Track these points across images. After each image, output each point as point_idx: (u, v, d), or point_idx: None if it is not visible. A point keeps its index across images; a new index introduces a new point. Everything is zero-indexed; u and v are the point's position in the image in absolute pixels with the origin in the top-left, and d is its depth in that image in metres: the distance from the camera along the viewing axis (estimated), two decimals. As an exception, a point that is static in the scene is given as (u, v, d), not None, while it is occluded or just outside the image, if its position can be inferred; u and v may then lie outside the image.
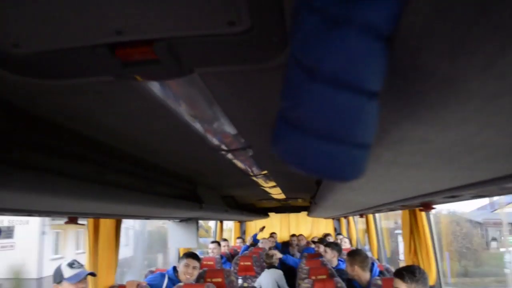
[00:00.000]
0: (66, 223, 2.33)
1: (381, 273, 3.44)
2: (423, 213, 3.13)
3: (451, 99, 0.47)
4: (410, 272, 2.42)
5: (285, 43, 0.75)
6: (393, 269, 3.89)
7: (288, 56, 0.48)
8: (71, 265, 2.49)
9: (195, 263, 3.39)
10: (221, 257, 5.92)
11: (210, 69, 0.87)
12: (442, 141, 0.66)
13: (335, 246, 4.76)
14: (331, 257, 4.58)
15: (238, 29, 0.71)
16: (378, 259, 5.38)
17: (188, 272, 3.33)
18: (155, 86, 1.01)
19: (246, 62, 0.84)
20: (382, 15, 0.40)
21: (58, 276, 2.42)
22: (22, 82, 0.90)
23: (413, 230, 3.21)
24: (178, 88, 1.04)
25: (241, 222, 9.87)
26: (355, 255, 3.30)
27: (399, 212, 3.51)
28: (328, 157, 0.48)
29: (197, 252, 4.27)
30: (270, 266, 5.13)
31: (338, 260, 4.71)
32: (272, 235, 8.88)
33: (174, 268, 3.42)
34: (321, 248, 4.79)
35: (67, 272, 2.44)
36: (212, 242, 6.16)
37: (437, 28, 0.38)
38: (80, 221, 2.51)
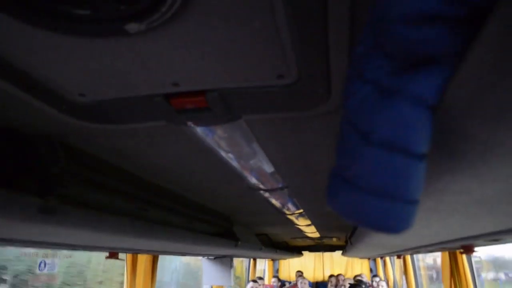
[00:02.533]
0: (107, 258, 2.38)
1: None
2: (464, 256, 3.03)
3: (490, 158, 0.50)
4: None
5: (329, 93, 0.80)
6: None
7: (342, 119, 0.53)
8: None
9: None
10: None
11: (256, 116, 0.92)
12: (482, 192, 0.68)
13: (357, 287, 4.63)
14: None
15: (286, 81, 0.76)
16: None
17: None
18: (200, 129, 1.06)
19: (291, 110, 0.88)
20: (431, 87, 0.44)
21: None
22: (81, 126, 0.97)
23: (453, 273, 3.10)
24: (222, 131, 1.09)
25: (274, 261, 9.73)
26: None
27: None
28: (380, 212, 0.52)
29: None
30: None
31: None
32: (299, 273, 8.70)
33: None
34: None
35: None
36: (252, 280, 6.13)
37: (479, 99, 0.41)
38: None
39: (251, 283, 5.98)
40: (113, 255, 2.38)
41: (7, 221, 1.00)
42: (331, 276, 8.43)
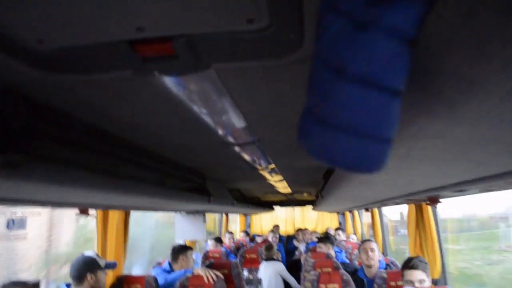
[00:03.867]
0: (78, 214, 2.37)
1: (387, 266, 3.48)
2: (429, 208, 3.15)
3: (469, 97, 0.50)
4: (420, 261, 2.46)
5: (301, 39, 0.77)
6: (398, 263, 3.92)
7: (314, 55, 0.51)
8: (98, 255, 2.57)
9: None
10: (225, 250, 5.98)
11: (226, 65, 0.90)
12: (456, 136, 0.68)
13: (326, 239, 4.81)
14: (326, 251, 4.62)
15: (257, 26, 0.73)
16: (383, 253, 5.40)
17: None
18: (169, 81, 1.03)
19: (262, 58, 0.86)
20: (407, 19, 0.42)
21: (93, 265, 2.49)
22: (42, 77, 0.92)
23: (419, 225, 3.23)
24: (191, 82, 1.06)
25: (246, 216, 9.92)
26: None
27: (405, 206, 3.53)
28: (354, 151, 0.51)
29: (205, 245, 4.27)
30: (269, 258, 5.17)
31: (335, 252, 4.77)
32: (274, 228, 8.92)
33: (169, 263, 3.46)
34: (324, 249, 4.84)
35: (101, 262, 2.52)
36: (212, 238, 6.21)
37: (459, 32, 0.40)
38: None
39: (210, 241, 6.10)
40: (83, 211, 2.36)
41: None
42: (298, 229, 8.69)
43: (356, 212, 7.81)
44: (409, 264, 2.47)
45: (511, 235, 9.87)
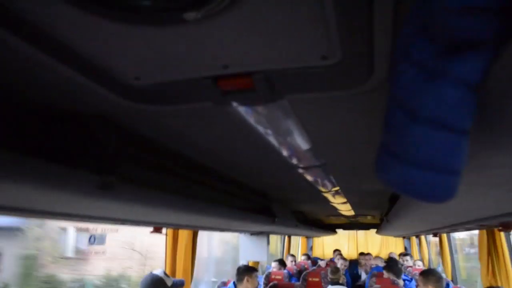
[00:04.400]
0: (152, 232, 2.50)
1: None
2: (502, 234, 3.00)
3: None
4: None
5: (370, 72, 0.82)
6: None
7: (389, 97, 0.57)
8: (166, 274, 2.67)
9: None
10: (288, 272, 5.96)
11: (299, 96, 0.96)
12: None
13: (390, 267, 4.63)
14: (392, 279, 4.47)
15: (330, 62, 0.79)
16: (452, 280, 5.14)
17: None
18: (242, 109, 1.11)
19: (332, 90, 0.91)
20: (474, 69, 0.47)
21: (161, 285, 2.58)
22: (134, 107, 1.04)
23: (491, 251, 3.08)
24: (264, 110, 1.13)
25: (308, 238, 9.81)
26: (429, 275, 3.20)
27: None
28: (427, 182, 0.56)
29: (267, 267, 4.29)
30: (335, 282, 5.07)
31: (404, 280, 4.58)
32: (337, 252, 8.73)
33: (234, 283, 3.52)
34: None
35: (168, 281, 2.62)
36: (275, 260, 6.21)
37: None
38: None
39: (274, 263, 6.08)
40: (157, 229, 2.49)
41: (69, 196, 1.08)
42: (361, 253, 8.45)
43: (423, 237, 7.50)
44: None
45: None
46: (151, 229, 2.46)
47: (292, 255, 7.37)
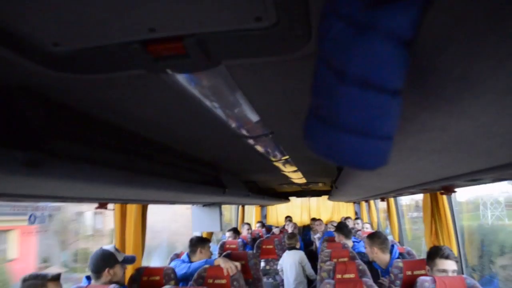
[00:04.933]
0: (97, 208, 2.42)
1: (401, 255, 3.48)
2: (444, 196, 3.14)
3: (466, 93, 0.51)
4: (451, 250, 2.52)
5: (309, 35, 0.79)
6: (414, 252, 3.91)
7: (317, 57, 0.53)
8: (117, 249, 2.61)
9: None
10: (242, 241, 6.03)
11: (236, 62, 0.92)
12: (459, 129, 0.70)
13: (340, 230, 4.79)
14: (343, 241, 4.62)
15: (265, 24, 0.75)
16: (399, 242, 5.39)
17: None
18: (181, 77, 1.06)
19: (271, 54, 0.88)
20: (404, 22, 0.44)
21: (111, 260, 2.53)
22: (60, 77, 0.96)
23: (434, 213, 3.22)
24: (204, 78, 1.08)
25: (262, 207, 9.96)
26: (374, 237, 3.34)
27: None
28: (356, 149, 0.53)
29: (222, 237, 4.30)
30: (292, 247, 5.20)
31: (353, 241, 4.76)
32: (288, 219, 8.94)
33: (188, 254, 3.51)
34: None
35: (119, 256, 2.56)
36: (229, 230, 6.26)
37: (454, 34, 0.42)
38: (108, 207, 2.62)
39: (228, 233, 6.14)
40: (102, 205, 2.41)
41: None
42: (312, 219, 8.69)
43: (372, 202, 7.79)
44: (441, 253, 2.51)
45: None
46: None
47: (248, 224, 7.46)
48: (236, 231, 6.21)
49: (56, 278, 2.08)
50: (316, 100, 0.57)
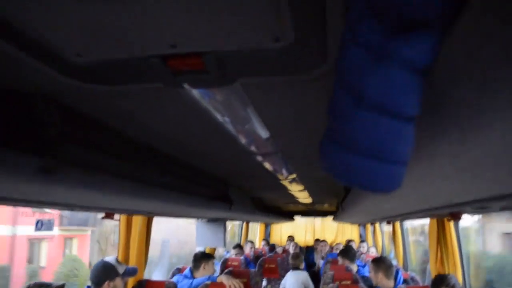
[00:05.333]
0: (103, 218, 2.43)
1: (405, 281, 3.43)
2: (451, 223, 3.11)
3: (477, 124, 0.52)
4: (454, 278, 2.49)
5: (325, 56, 0.81)
6: (418, 278, 3.86)
7: (334, 81, 0.54)
8: (118, 261, 2.60)
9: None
10: (245, 258, 5.99)
11: (252, 80, 0.93)
12: (469, 157, 0.70)
13: (345, 253, 4.74)
14: (347, 264, 4.56)
15: (282, 44, 0.76)
16: (403, 267, 5.33)
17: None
18: (196, 92, 1.08)
19: (286, 73, 0.89)
20: (421, 52, 0.45)
21: (112, 273, 2.50)
22: (78, 86, 0.98)
23: (440, 240, 3.19)
24: (217, 93, 1.10)
25: (266, 225, 9.91)
26: (380, 262, 3.29)
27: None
28: (370, 172, 0.54)
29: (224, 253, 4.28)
30: (295, 267, 5.13)
31: (358, 265, 4.70)
32: (290, 238, 8.87)
33: (190, 270, 3.49)
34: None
35: (120, 269, 2.55)
36: (234, 247, 6.23)
37: (468, 65, 0.43)
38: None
39: (233, 250, 6.11)
40: (109, 215, 2.42)
41: (6, 180, 1.02)
42: (317, 240, 8.62)
43: (377, 225, 7.72)
44: (446, 283, 2.47)
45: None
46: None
47: (251, 242, 7.42)
48: (240, 248, 6.19)
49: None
50: (332, 122, 0.58)
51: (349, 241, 8.45)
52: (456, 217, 2.41)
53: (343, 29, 0.51)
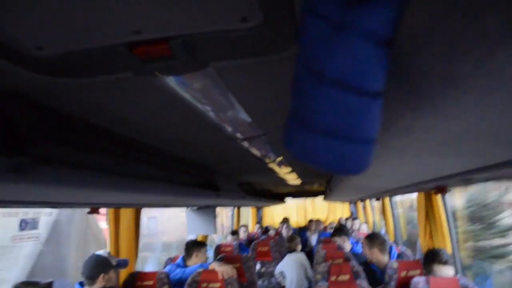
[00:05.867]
0: (89, 213, 2.40)
1: (398, 256, 3.46)
2: (438, 196, 3.13)
3: (449, 93, 0.50)
4: (446, 254, 2.52)
5: (296, 35, 0.77)
6: (409, 252, 3.91)
7: (296, 59, 0.51)
8: (110, 254, 2.59)
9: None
10: (239, 244, 6.02)
11: (224, 63, 0.90)
12: (445, 130, 0.69)
13: (339, 231, 4.79)
14: (341, 243, 4.61)
15: (251, 24, 0.73)
16: (394, 242, 5.39)
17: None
18: (171, 80, 1.04)
19: (258, 55, 0.87)
20: (382, 22, 0.43)
21: (106, 266, 2.50)
22: (46, 81, 0.94)
23: (428, 214, 3.21)
24: (193, 81, 1.07)
25: (258, 209, 9.95)
26: (374, 238, 3.31)
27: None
28: (336, 153, 0.51)
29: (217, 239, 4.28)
30: (292, 250, 5.14)
31: (351, 243, 4.75)
32: (284, 220, 8.95)
33: (183, 258, 3.49)
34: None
35: (113, 261, 2.54)
36: (231, 233, 6.27)
37: (432, 32, 0.40)
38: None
39: (230, 237, 6.15)
40: (94, 210, 2.39)
41: None
42: (310, 221, 8.69)
43: (367, 201, 7.79)
44: (439, 259, 2.50)
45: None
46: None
47: (245, 226, 7.45)
48: (235, 233, 6.23)
49: (48, 286, 2.06)
50: (295, 101, 0.55)
51: (345, 219, 8.55)
52: (442, 190, 2.43)
53: (303, 1, 0.48)
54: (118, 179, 1.52)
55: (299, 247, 5.26)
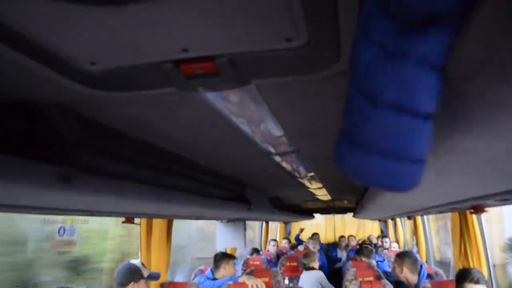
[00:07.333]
0: (123, 222, 2.46)
1: (429, 276, 3.38)
2: (474, 216, 3.05)
3: (496, 117, 0.51)
4: (480, 273, 2.45)
5: (337, 56, 0.80)
6: (442, 272, 3.81)
7: (349, 81, 0.53)
8: (143, 265, 2.64)
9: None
10: (265, 258, 5.99)
11: (266, 81, 0.93)
12: (490, 151, 0.69)
13: (359, 252, 4.70)
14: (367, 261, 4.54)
15: (295, 44, 0.76)
16: (426, 262, 5.26)
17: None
18: (210, 94, 1.07)
19: (300, 74, 0.89)
20: (433, 49, 0.44)
21: (137, 275, 2.55)
22: (92, 94, 0.99)
23: (463, 233, 3.14)
24: (232, 95, 1.10)
25: (286, 223, 9.89)
26: (405, 257, 3.25)
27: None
28: (387, 171, 0.53)
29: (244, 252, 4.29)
30: (308, 267, 5.01)
31: (377, 261, 4.66)
32: (314, 236, 8.85)
33: (212, 271, 3.50)
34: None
35: (145, 272, 2.59)
36: (251, 253, 6.24)
37: (485, 60, 0.42)
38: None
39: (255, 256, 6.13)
40: (128, 220, 2.45)
41: (26, 189, 1.03)
42: (341, 237, 8.57)
43: (398, 220, 7.64)
44: (470, 277, 2.43)
45: None
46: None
47: (274, 240, 7.42)
48: (256, 252, 6.20)
49: None
50: (347, 122, 0.57)
51: (370, 236, 8.40)
52: (478, 210, 2.37)
53: (356, 27, 0.50)
54: (155, 190, 1.56)
55: (316, 264, 5.05)
